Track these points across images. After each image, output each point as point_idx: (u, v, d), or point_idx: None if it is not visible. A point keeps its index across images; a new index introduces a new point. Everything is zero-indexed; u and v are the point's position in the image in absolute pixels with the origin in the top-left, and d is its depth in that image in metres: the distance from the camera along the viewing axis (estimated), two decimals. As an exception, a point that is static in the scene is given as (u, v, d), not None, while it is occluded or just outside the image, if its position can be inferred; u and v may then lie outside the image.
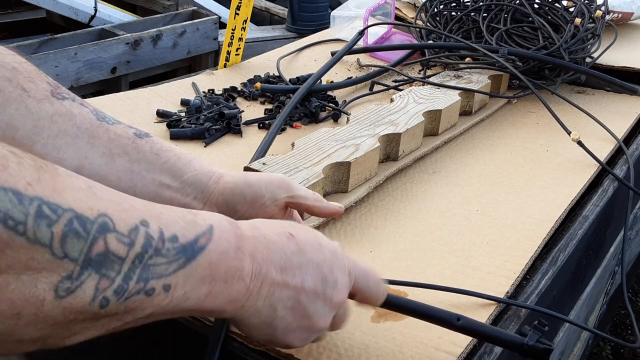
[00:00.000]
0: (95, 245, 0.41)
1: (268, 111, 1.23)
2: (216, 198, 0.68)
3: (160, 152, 0.68)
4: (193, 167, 0.69)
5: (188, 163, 0.69)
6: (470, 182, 1.04)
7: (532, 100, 1.36)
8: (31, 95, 0.62)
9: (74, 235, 0.40)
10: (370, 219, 0.92)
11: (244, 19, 1.40)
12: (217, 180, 0.69)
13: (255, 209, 0.68)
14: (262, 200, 0.68)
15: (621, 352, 2.25)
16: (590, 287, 1.27)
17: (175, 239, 0.47)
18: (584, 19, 1.40)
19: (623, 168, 1.13)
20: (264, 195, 0.68)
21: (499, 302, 0.75)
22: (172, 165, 0.68)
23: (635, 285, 2.56)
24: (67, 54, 2.06)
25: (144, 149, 0.67)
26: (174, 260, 0.46)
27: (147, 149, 0.68)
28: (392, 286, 0.77)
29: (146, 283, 0.44)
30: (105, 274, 0.42)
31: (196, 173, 0.69)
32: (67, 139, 0.63)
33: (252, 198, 0.68)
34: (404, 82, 1.36)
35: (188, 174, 0.68)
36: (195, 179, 0.69)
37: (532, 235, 0.89)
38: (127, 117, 1.13)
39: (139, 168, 0.67)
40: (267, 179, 0.69)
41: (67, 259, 0.40)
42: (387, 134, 1.03)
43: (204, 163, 0.71)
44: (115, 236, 0.42)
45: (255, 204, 0.68)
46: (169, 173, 0.68)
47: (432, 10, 1.55)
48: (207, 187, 0.69)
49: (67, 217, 0.40)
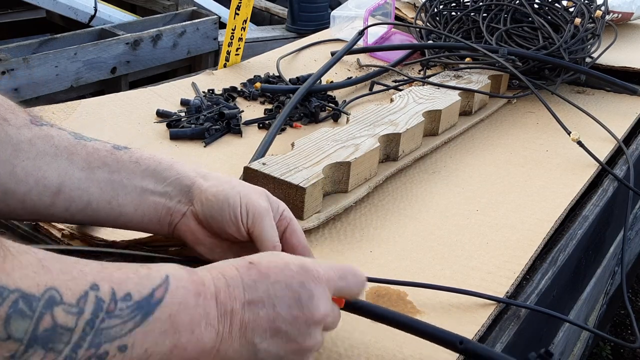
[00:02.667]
0: (42, 321, 0.42)
1: (268, 111, 1.23)
2: (199, 207, 0.67)
3: (140, 160, 0.68)
4: (176, 171, 0.68)
5: (170, 167, 0.68)
6: (470, 182, 1.04)
7: (532, 100, 1.36)
8: (11, 123, 0.63)
9: (18, 315, 0.41)
10: (370, 219, 0.92)
11: (243, 19, 1.40)
12: (199, 188, 0.67)
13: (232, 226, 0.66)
14: (236, 223, 0.66)
15: (621, 352, 2.25)
16: (590, 287, 1.27)
17: (129, 297, 0.46)
18: (584, 19, 1.40)
19: (623, 168, 1.14)
20: (229, 221, 0.65)
21: (499, 302, 0.75)
22: (154, 170, 0.68)
23: (635, 285, 2.56)
24: (67, 54, 2.06)
25: (123, 159, 0.67)
26: (130, 319, 0.46)
27: (126, 158, 0.67)
28: (392, 286, 0.77)
29: (98, 348, 0.44)
30: (53, 348, 0.42)
31: (179, 176, 0.68)
32: (46, 159, 0.64)
33: (228, 218, 0.65)
34: (404, 82, 1.36)
35: (171, 177, 0.68)
36: (178, 183, 0.68)
37: (532, 235, 0.89)
38: (127, 117, 1.13)
39: (120, 177, 0.66)
40: (246, 201, 0.65)
41: (11, 339, 0.41)
42: (387, 134, 1.03)
43: (186, 166, 0.69)
44: (63, 308, 0.43)
45: (231, 222, 0.66)
46: (151, 178, 0.67)
47: (432, 10, 1.55)
48: (190, 192, 0.67)
49: (13, 298, 0.41)
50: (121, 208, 0.67)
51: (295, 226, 0.69)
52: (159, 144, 1.06)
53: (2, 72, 1.91)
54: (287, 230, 0.69)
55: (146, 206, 0.67)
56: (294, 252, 0.67)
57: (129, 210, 0.67)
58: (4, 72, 1.92)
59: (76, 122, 1.08)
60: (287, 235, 0.68)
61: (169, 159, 0.70)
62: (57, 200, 0.65)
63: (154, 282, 0.49)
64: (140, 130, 1.10)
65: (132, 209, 0.67)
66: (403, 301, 0.75)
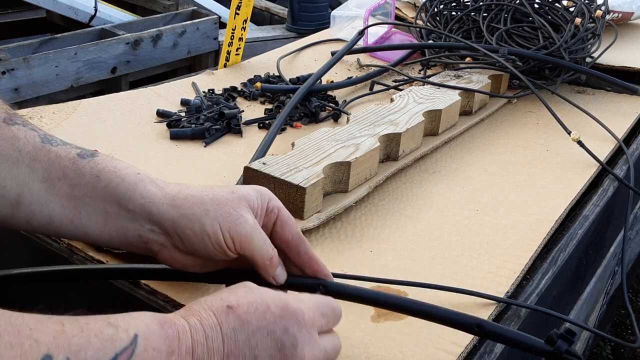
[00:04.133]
0: None
1: (268, 111, 1.23)
2: (178, 241, 0.61)
3: (100, 173, 0.61)
4: (140, 194, 0.60)
5: (133, 187, 0.60)
6: (470, 182, 1.04)
7: (532, 100, 1.36)
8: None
9: None
10: (371, 218, 0.92)
11: (244, 18, 1.40)
12: (170, 220, 0.60)
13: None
14: (223, 252, 0.61)
15: (621, 352, 2.25)
16: (590, 287, 1.27)
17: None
18: (584, 18, 1.40)
19: (623, 168, 1.14)
20: (214, 250, 0.61)
21: (499, 301, 0.75)
22: (114, 189, 0.60)
23: (635, 285, 2.56)
24: (67, 54, 2.06)
25: (84, 171, 0.60)
26: None
27: (87, 170, 0.61)
28: (392, 286, 0.77)
29: None
30: None
31: (144, 202, 0.60)
32: (7, 164, 0.59)
33: (213, 250, 0.60)
34: (404, 82, 1.36)
35: (134, 201, 0.60)
36: (144, 210, 0.60)
37: (532, 235, 0.89)
38: (127, 117, 1.13)
39: (80, 193, 0.60)
40: (227, 228, 0.59)
41: None
42: (387, 133, 1.03)
43: (154, 185, 0.62)
44: None
45: (218, 252, 0.61)
46: (112, 199, 0.60)
47: (432, 10, 1.55)
48: (162, 223, 0.60)
49: None
50: (85, 228, 0.61)
51: (284, 217, 0.64)
52: (159, 144, 1.06)
53: (2, 72, 1.91)
54: (277, 223, 0.64)
55: (113, 230, 0.61)
56: (288, 246, 0.64)
57: (94, 231, 0.61)
58: (4, 72, 1.92)
59: (76, 122, 1.08)
60: (278, 229, 0.64)
61: (135, 174, 0.62)
62: (16, 212, 0.60)
63: (117, 347, 0.44)
64: (141, 130, 1.10)
65: (97, 230, 0.61)
66: (403, 301, 0.75)
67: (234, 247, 0.60)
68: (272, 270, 0.62)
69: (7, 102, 0.64)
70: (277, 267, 0.62)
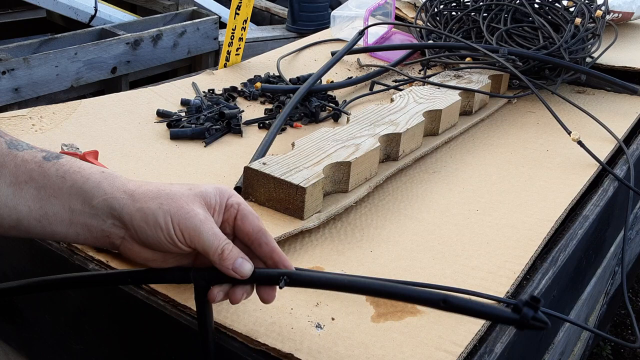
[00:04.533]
0: None
1: (268, 111, 1.23)
2: (134, 232, 0.63)
3: (66, 174, 0.63)
4: (103, 191, 0.63)
5: (97, 185, 0.63)
6: (470, 182, 1.04)
7: (532, 100, 1.36)
8: None
9: None
10: (371, 219, 0.92)
11: (244, 18, 1.40)
12: (128, 213, 0.63)
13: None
14: (175, 244, 0.63)
15: (621, 352, 2.25)
16: (591, 287, 1.27)
17: None
18: (584, 18, 1.40)
19: (623, 168, 1.14)
20: (167, 243, 0.63)
21: (499, 301, 0.75)
22: (79, 188, 0.63)
23: (635, 285, 2.56)
24: (67, 54, 2.06)
25: (50, 173, 0.63)
26: None
27: (52, 172, 0.63)
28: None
29: None
30: None
31: (106, 198, 0.63)
32: None
33: (165, 241, 0.63)
34: (404, 82, 1.36)
35: (97, 198, 0.63)
36: (106, 205, 0.63)
37: (532, 235, 0.89)
38: (127, 117, 1.13)
39: (46, 194, 0.63)
40: (177, 220, 0.62)
41: None
42: (388, 133, 1.03)
43: (117, 181, 0.64)
44: None
45: (170, 244, 0.63)
46: (77, 197, 0.63)
47: (432, 10, 1.55)
48: (121, 217, 0.63)
49: None
50: (53, 227, 0.63)
51: (244, 211, 0.66)
52: (159, 144, 1.06)
53: (2, 72, 1.91)
54: (237, 217, 0.66)
55: (79, 227, 0.64)
56: (250, 239, 0.65)
57: (61, 229, 0.64)
58: (4, 72, 1.92)
59: (76, 122, 1.08)
60: (239, 223, 0.66)
61: (99, 173, 0.64)
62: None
63: None
64: (141, 130, 1.10)
65: (64, 228, 0.64)
66: (403, 301, 0.75)
67: (183, 240, 0.62)
68: (225, 263, 0.62)
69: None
70: (236, 260, 0.62)
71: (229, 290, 0.64)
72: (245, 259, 0.63)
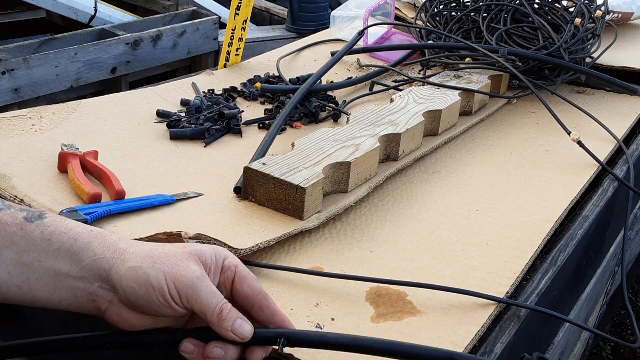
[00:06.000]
0: None
1: (268, 111, 1.23)
2: (124, 295, 0.58)
3: (52, 236, 0.59)
4: (92, 251, 0.59)
5: (87, 246, 0.59)
6: (470, 182, 1.04)
7: (532, 100, 1.36)
8: None
9: None
10: (371, 219, 0.92)
11: (244, 19, 1.40)
12: (118, 274, 0.58)
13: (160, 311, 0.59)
14: (169, 306, 0.58)
15: (621, 352, 2.25)
16: (591, 287, 1.27)
17: None
18: (584, 19, 1.40)
19: (623, 168, 1.14)
20: (160, 305, 0.58)
21: (499, 302, 0.75)
22: (68, 250, 0.59)
23: (635, 285, 2.56)
24: (67, 54, 2.06)
25: (34, 236, 0.59)
26: None
27: (37, 235, 0.59)
28: (392, 286, 0.77)
29: None
30: None
31: (96, 258, 0.59)
32: None
33: (158, 303, 0.58)
34: (404, 83, 1.36)
35: (87, 260, 0.59)
36: (95, 266, 0.59)
37: (532, 235, 0.89)
38: (127, 117, 1.13)
39: (30, 259, 0.58)
40: (172, 279, 0.57)
41: None
42: (387, 134, 1.03)
43: (107, 240, 0.60)
44: None
45: (163, 306, 0.58)
46: (65, 259, 0.59)
47: (432, 10, 1.55)
48: (110, 278, 0.58)
49: None
50: (34, 293, 0.59)
51: (243, 272, 0.62)
52: (159, 144, 1.06)
53: (2, 73, 1.91)
54: (236, 280, 0.62)
55: (63, 292, 0.59)
56: (250, 302, 0.61)
57: (43, 295, 0.59)
58: (4, 73, 1.92)
59: (76, 122, 1.08)
60: (237, 286, 0.62)
61: (88, 234, 0.60)
62: None
63: None
64: (141, 130, 1.10)
65: (47, 294, 0.59)
66: (403, 301, 0.75)
67: (179, 300, 0.58)
68: (225, 324, 0.58)
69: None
70: (235, 321, 0.59)
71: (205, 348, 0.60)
72: (245, 320, 0.60)
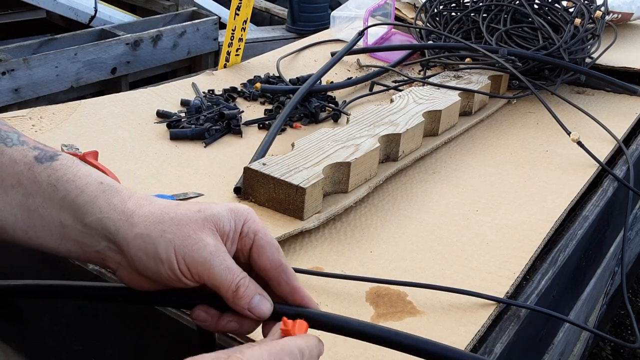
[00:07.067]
0: None
1: (268, 111, 1.23)
2: (132, 262, 0.54)
3: (58, 182, 0.55)
4: (98, 208, 0.54)
5: (92, 200, 0.54)
6: (470, 182, 1.04)
7: (532, 100, 1.36)
8: None
9: None
10: (370, 219, 0.92)
11: (243, 19, 1.40)
12: (125, 239, 0.54)
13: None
14: (179, 280, 0.54)
15: (621, 352, 2.25)
16: (590, 287, 1.27)
17: None
18: (584, 19, 1.40)
19: (623, 168, 1.14)
20: (169, 278, 0.54)
21: (499, 302, 0.75)
22: (72, 201, 0.54)
23: (635, 285, 2.56)
24: (67, 55, 2.07)
25: (40, 179, 0.55)
26: None
27: (43, 178, 0.55)
28: (392, 286, 0.77)
29: None
30: None
31: (101, 217, 0.54)
32: None
33: (167, 276, 0.54)
34: (404, 83, 1.36)
35: (91, 216, 0.54)
36: (101, 226, 0.54)
37: (532, 235, 0.89)
38: (127, 117, 1.13)
39: (35, 204, 0.54)
40: (182, 253, 0.53)
41: None
42: (387, 134, 1.03)
43: (115, 197, 0.55)
44: None
45: (173, 279, 0.54)
46: (69, 212, 0.54)
47: (432, 10, 1.55)
48: (117, 241, 0.54)
49: None
50: (41, 240, 0.56)
51: (261, 241, 0.56)
52: (159, 144, 1.06)
53: (2, 73, 1.91)
54: (253, 249, 0.56)
55: (70, 244, 0.56)
56: (267, 275, 0.56)
57: (51, 243, 0.56)
58: (4, 73, 1.92)
59: (76, 122, 1.08)
60: (254, 255, 0.56)
61: (96, 186, 0.55)
62: None
63: None
64: (141, 130, 1.10)
65: (54, 243, 0.56)
66: (403, 301, 0.75)
67: (190, 275, 0.53)
68: (241, 302, 0.54)
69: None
70: (253, 298, 0.54)
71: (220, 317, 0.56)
72: (264, 295, 0.55)
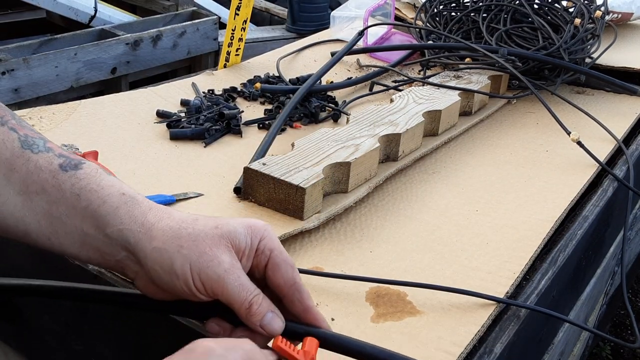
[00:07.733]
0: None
1: (268, 111, 1.23)
2: (148, 274, 0.56)
3: (82, 192, 0.56)
4: (119, 219, 0.56)
5: (114, 212, 0.56)
6: (470, 182, 1.04)
7: (532, 100, 1.36)
8: None
9: None
10: (370, 219, 0.92)
11: (243, 19, 1.40)
12: (143, 251, 0.55)
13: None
14: (193, 295, 0.56)
15: (621, 352, 2.25)
16: (590, 287, 1.27)
17: None
18: (584, 19, 1.40)
19: (623, 168, 1.14)
20: (183, 292, 0.56)
21: (499, 302, 0.75)
22: (94, 211, 0.56)
23: (635, 285, 2.56)
24: (67, 54, 2.06)
25: (64, 187, 0.56)
26: None
27: (67, 187, 0.56)
28: (392, 286, 0.77)
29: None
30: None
31: (122, 228, 0.55)
32: None
33: (182, 290, 0.56)
34: (404, 83, 1.36)
35: (112, 227, 0.56)
36: (121, 237, 0.56)
37: (532, 235, 0.89)
38: (127, 117, 1.13)
39: (58, 212, 0.56)
40: (197, 269, 0.54)
41: None
42: (387, 134, 1.03)
43: (136, 209, 0.57)
44: None
45: (187, 294, 0.56)
46: (91, 221, 0.56)
47: (432, 10, 1.55)
48: (135, 253, 0.56)
49: None
50: (63, 247, 0.58)
51: (276, 259, 0.57)
52: (159, 144, 1.06)
53: (2, 73, 1.91)
54: (268, 266, 0.58)
55: (91, 251, 0.57)
56: (281, 292, 0.58)
57: (73, 250, 0.58)
58: (4, 73, 1.92)
59: (76, 122, 1.08)
60: (269, 273, 0.58)
61: (118, 197, 0.57)
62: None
63: None
64: (141, 130, 1.10)
65: (76, 250, 0.58)
66: (403, 301, 0.75)
67: (204, 291, 0.55)
68: (253, 319, 0.55)
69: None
70: (265, 315, 0.55)
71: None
72: (276, 313, 0.56)
